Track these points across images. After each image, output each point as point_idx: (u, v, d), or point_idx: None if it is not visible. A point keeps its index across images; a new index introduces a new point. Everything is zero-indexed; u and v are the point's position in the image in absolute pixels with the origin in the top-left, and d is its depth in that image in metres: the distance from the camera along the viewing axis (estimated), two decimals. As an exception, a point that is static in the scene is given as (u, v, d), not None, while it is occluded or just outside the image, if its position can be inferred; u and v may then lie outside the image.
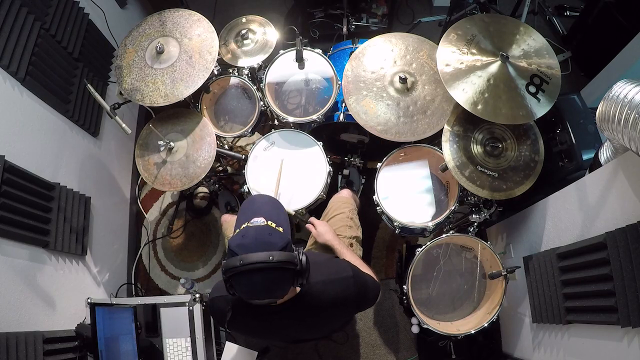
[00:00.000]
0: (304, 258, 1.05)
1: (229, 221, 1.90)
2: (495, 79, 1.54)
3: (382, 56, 1.81)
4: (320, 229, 1.58)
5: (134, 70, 1.80)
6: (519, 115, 1.52)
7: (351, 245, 1.67)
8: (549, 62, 1.58)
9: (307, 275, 1.06)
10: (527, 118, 1.53)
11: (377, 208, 1.79)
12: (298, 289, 1.14)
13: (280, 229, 1.05)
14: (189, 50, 1.80)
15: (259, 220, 1.04)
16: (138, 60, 1.81)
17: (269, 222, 1.05)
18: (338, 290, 1.20)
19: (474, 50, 1.58)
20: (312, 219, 1.65)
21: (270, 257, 0.97)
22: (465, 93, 1.53)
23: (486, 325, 1.61)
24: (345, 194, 1.85)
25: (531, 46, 1.60)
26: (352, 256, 1.48)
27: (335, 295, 1.19)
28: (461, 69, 1.56)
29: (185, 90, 1.74)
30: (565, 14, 2.88)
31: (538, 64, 1.57)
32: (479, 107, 1.51)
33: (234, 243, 1.01)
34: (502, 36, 1.61)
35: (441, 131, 1.69)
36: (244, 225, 1.05)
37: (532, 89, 1.54)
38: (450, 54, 1.58)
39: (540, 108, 1.53)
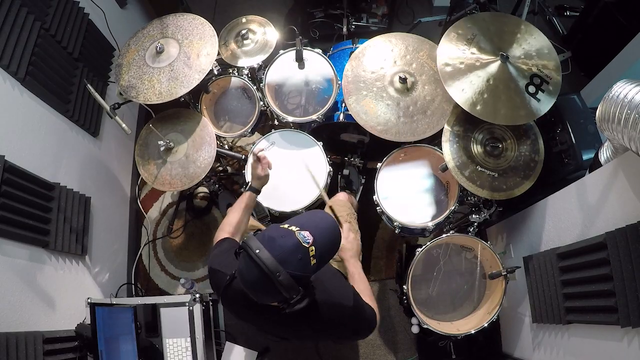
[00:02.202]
0: (304, 303, 1.01)
1: None
2: (495, 79, 1.54)
3: (382, 56, 1.81)
4: (347, 245, 1.48)
5: (133, 68, 1.80)
6: (519, 116, 1.52)
7: None
8: (550, 61, 1.58)
9: (292, 307, 1.02)
10: (527, 118, 1.53)
11: (377, 208, 1.79)
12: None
13: (313, 261, 0.99)
14: (188, 51, 1.80)
15: (308, 238, 0.99)
16: (138, 59, 1.82)
17: (311, 248, 0.98)
18: (333, 315, 1.17)
19: (474, 50, 1.58)
20: (345, 226, 1.56)
21: (277, 274, 0.94)
22: (464, 93, 1.53)
23: (486, 325, 1.61)
24: (342, 197, 1.85)
25: (532, 45, 1.60)
26: (362, 283, 1.41)
27: (329, 319, 1.16)
28: (461, 68, 1.56)
29: (179, 90, 1.74)
30: (565, 14, 2.88)
31: (538, 63, 1.57)
32: (478, 107, 1.51)
33: (271, 234, 0.99)
34: (503, 36, 1.61)
35: (441, 131, 1.69)
36: (294, 228, 1.00)
37: (532, 89, 1.54)
38: (450, 53, 1.58)
39: (540, 108, 1.53)
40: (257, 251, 0.95)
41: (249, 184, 1.47)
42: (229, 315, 2.03)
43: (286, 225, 1.02)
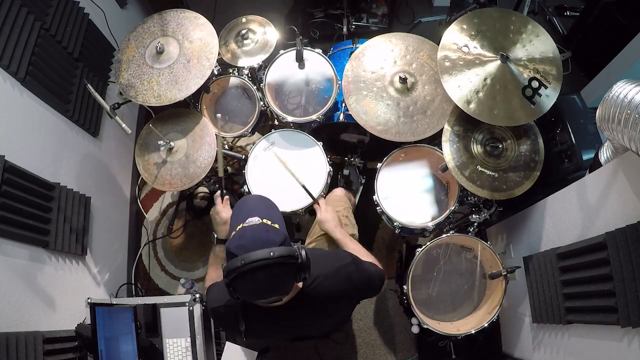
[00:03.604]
0: (303, 252, 1.05)
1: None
2: (493, 78, 1.54)
3: (382, 56, 1.81)
4: (325, 216, 1.58)
5: (132, 66, 1.80)
6: (512, 118, 1.51)
7: None
8: (552, 65, 1.56)
9: (309, 269, 1.06)
10: (520, 121, 1.52)
11: (377, 208, 1.79)
12: (300, 284, 1.14)
13: (276, 226, 1.06)
14: (188, 53, 1.80)
15: (254, 220, 1.04)
16: (138, 57, 1.81)
17: (264, 220, 1.05)
18: (341, 281, 1.19)
19: (476, 46, 1.57)
20: (321, 201, 1.66)
21: (271, 253, 0.96)
22: (460, 90, 1.53)
23: (486, 325, 1.61)
24: (338, 192, 1.85)
25: (536, 47, 1.57)
26: (355, 245, 1.48)
27: (339, 287, 1.19)
28: (460, 64, 1.55)
29: (178, 94, 1.74)
30: (565, 14, 2.88)
31: (539, 67, 1.55)
32: (472, 105, 1.51)
33: (233, 245, 1.01)
34: (507, 34, 1.59)
35: (441, 131, 1.69)
36: (239, 227, 1.05)
37: (529, 92, 1.53)
38: (452, 46, 1.57)
39: (535, 112, 1.52)
40: (242, 262, 0.96)
41: (215, 237, 1.51)
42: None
43: (233, 233, 1.06)
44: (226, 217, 1.46)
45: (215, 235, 1.51)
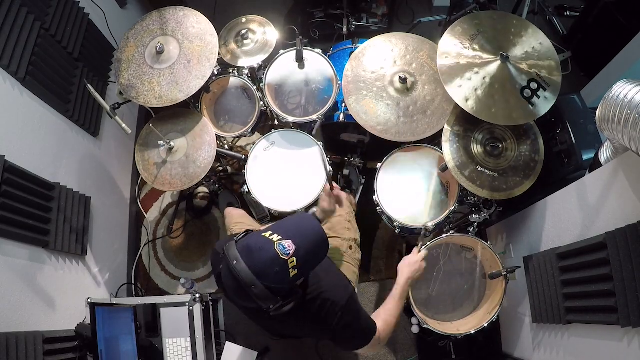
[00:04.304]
0: (287, 308, 1.01)
1: (231, 214, 1.91)
2: (492, 78, 1.54)
3: (382, 56, 1.81)
4: (414, 260, 1.49)
5: (133, 66, 1.80)
6: (510, 117, 1.51)
7: (350, 247, 1.67)
8: (551, 68, 1.56)
9: (276, 311, 1.01)
10: (519, 121, 1.52)
11: (377, 208, 1.79)
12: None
13: (294, 273, 0.97)
14: (188, 54, 1.80)
15: (288, 249, 0.96)
16: (138, 57, 1.81)
17: (292, 259, 0.96)
18: (322, 311, 1.16)
19: (476, 46, 1.58)
20: (422, 254, 1.55)
21: (252, 286, 0.94)
22: (460, 89, 1.53)
23: (486, 325, 1.61)
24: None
25: (536, 50, 1.59)
26: (391, 304, 1.40)
27: (317, 313, 1.16)
28: (460, 63, 1.55)
29: (179, 95, 1.74)
30: (565, 14, 2.88)
31: (539, 68, 1.56)
32: (469, 102, 1.51)
33: (250, 243, 0.99)
34: (508, 36, 1.60)
35: (441, 131, 1.69)
36: (276, 237, 0.98)
37: (528, 93, 1.53)
38: (452, 46, 1.58)
39: (533, 112, 1.52)
40: (234, 262, 0.96)
41: (313, 210, 1.39)
42: (228, 315, 2.03)
43: (268, 234, 1.00)
44: (327, 209, 1.34)
45: (314, 210, 1.39)
